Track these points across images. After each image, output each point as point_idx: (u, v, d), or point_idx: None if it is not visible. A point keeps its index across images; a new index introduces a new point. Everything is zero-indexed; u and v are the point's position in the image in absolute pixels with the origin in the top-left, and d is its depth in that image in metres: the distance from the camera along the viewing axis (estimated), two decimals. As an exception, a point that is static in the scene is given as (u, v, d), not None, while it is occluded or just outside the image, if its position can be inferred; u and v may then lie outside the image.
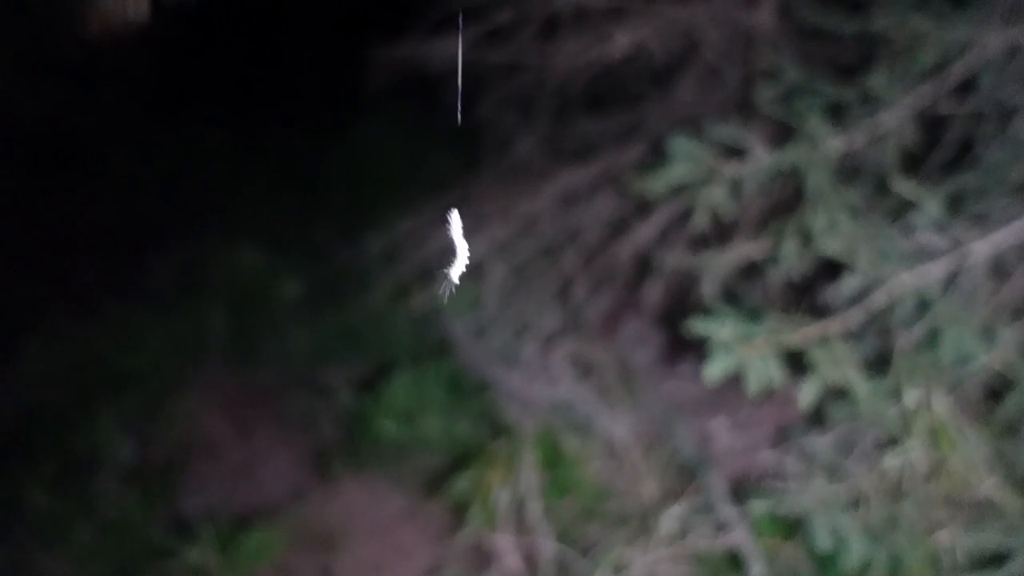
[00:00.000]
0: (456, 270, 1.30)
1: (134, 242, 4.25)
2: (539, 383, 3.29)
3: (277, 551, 3.23)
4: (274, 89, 5.07)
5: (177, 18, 6.25)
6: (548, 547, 2.96)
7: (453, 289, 1.31)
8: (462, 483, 3.14)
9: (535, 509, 3.01)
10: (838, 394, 2.33)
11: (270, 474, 3.62)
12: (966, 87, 2.40)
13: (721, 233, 2.81)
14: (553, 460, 3.18)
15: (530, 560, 2.98)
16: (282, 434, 3.75)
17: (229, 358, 3.90)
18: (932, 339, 2.20)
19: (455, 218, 1.30)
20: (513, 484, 3.08)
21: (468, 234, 3.72)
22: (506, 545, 3.00)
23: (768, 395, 2.31)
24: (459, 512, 3.13)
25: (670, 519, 2.77)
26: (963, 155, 2.42)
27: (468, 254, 1.31)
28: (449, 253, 1.31)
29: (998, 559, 2.19)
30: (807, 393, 2.27)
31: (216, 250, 4.15)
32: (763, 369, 2.21)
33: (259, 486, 3.56)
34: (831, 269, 2.38)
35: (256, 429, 3.79)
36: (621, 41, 3.07)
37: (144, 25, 6.36)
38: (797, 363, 2.32)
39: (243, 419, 3.81)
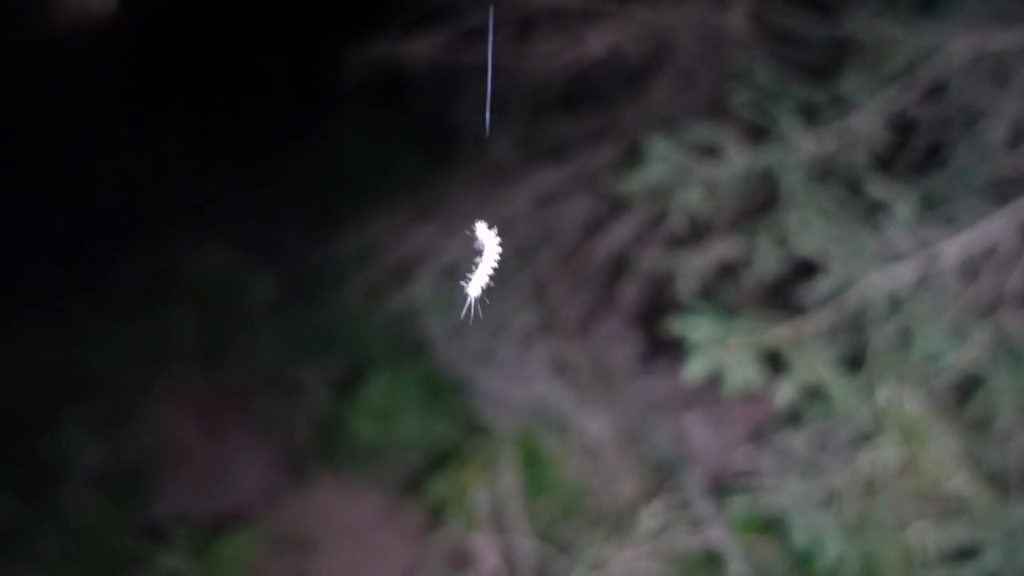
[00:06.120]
0: (476, 285, 1.03)
1: (99, 244, 4.15)
2: (516, 383, 3.29)
3: (252, 556, 3.19)
4: (244, 87, 4.98)
5: (146, 13, 6.09)
6: (526, 546, 2.97)
7: (476, 310, 1.04)
8: (439, 484, 3.14)
9: (513, 509, 3.02)
10: (813, 392, 2.36)
11: (243, 477, 3.58)
12: (934, 91, 2.45)
13: (697, 233, 2.84)
14: (530, 460, 3.19)
15: (508, 559, 2.99)
16: (255, 436, 3.70)
17: (200, 360, 3.83)
18: (904, 338, 2.25)
19: (482, 228, 1.02)
20: (491, 484, 3.08)
21: (443, 235, 3.66)
22: (484, 545, 3.00)
23: (745, 393, 2.34)
24: (437, 513, 3.13)
25: (648, 517, 2.79)
26: (932, 158, 2.47)
27: (495, 266, 1.04)
28: (467, 265, 1.02)
29: (969, 553, 2.25)
30: (783, 392, 2.31)
31: (184, 251, 4.08)
32: (741, 370, 2.24)
33: (232, 490, 3.51)
34: (806, 269, 2.42)
35: (228, 432, 3.74)
36: (596, 43, 3.08)
37: (111, 20, 6.19)
38: (774, 361, 2.36)
39: (215, 422, 3.76)
